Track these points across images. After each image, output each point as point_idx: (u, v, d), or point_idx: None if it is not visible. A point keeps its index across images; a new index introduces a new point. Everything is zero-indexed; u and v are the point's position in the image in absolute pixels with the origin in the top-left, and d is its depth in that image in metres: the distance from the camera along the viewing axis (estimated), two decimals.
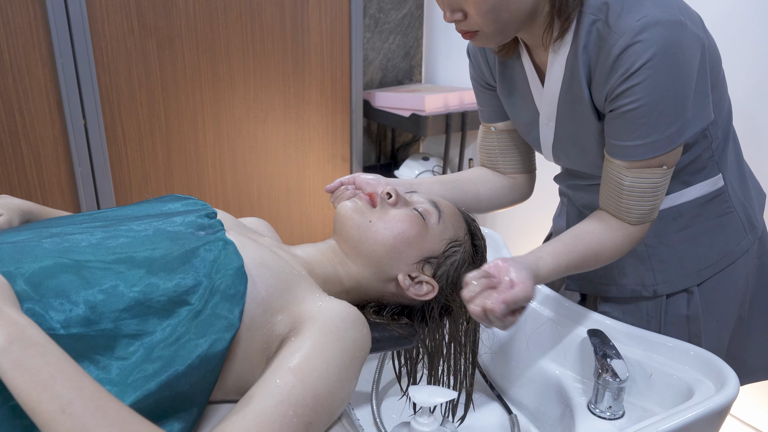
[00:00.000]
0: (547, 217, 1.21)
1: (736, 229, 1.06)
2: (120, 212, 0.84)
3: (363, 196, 0.91)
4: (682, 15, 0.83)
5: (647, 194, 0.92)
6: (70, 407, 0.53)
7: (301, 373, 0.66)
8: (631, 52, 0.83)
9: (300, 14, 1.97)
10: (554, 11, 0.88)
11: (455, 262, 0.92)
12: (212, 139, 1.95)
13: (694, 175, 1.02)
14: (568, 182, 1.16)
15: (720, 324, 1.09)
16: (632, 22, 0.82)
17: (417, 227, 0.89)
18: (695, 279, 1.06)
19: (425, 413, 0.83)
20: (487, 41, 0.90)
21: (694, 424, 0.82)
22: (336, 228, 0.91)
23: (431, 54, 2.56)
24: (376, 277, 0.90)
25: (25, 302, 0.61)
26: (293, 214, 2.20)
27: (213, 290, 0.68)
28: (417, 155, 2.42)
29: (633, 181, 0.91)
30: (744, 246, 1.07)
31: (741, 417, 1.69)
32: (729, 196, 1.05)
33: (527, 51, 1.00)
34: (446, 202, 0.97)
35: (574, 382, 1.06)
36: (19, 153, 1.68)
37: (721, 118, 0.99)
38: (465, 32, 0.89)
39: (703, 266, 1.06)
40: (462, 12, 0.86)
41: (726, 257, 1.06)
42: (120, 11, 1.70)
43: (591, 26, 0.87)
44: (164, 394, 0.62)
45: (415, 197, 0.95)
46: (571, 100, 0.96)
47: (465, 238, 0.95)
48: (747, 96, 1.47)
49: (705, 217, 1.05)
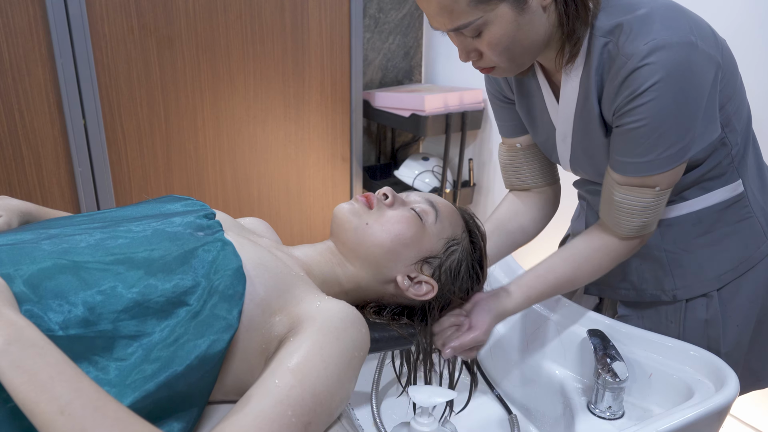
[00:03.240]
0: (557, 219, 1.21)
1: (755, 234, 1.05)
2: (119, 213, 0.84)
3: (360, 198, 0.90)
4: (693, 35, 0.84)
5: (636, 212, 0.93)
6: (69, 408, 0.53)
7: (299, 373, 0.66)
8: (638, 75, 0.84)
9: (300, 14, 1.97)
10: (564, 37, 0.89)
11: (454, 260, 0.92)
12: (212, 139, 1.95)
13: (713, 181, 1.01)
14: (586, 187, 1.16)
15: (739, 328, 1.08)
16: (640, 45, 0.83)
17: (414, 228, 0.89)
18: (715, 284, 1.06)
19: (425, 413, 0.83)
20: (504, 73, 0.93)
21: (694, 424, 0.82)
22: (333, 230, 0.91)
23: (431, 54, 2.56)
24: (374, 278, 0.89)
25: (23, 304, 0.61)
26: (293, 214, 2.20)
27: (211, 291, 0.68)
28: (417, 155, 2.42)
29: (623, 197, 0.93)
30: (764, 251, 1.06)
31: (741, 417, 1.69)
32: (749, 201, 1.04)
33: (542, 71, 1.01)
34: (443, 200, 0.97)
35: (574, 382, 1.06)
36: (18, 153, 1.68)
37: (741, 124, 0.99)
38: (482, 68, 0.92)
39: (723, 271, 1.05)
40: (477, 52, 0.89)
41: (746, 262, 1.05)
42: (120, 11, 1.70)
43: (603, 48, 0.88)
44: (163, 394, 0.62)
45: (413, 196, 0.95)
46: (585, 119, 0.97)
47: (463, 236, 0.95)
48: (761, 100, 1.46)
49: (724, 223, 1.04)
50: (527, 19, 0.84)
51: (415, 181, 2.32)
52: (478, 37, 0.85)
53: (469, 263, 0.95)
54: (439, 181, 2.33)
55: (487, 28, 0.83)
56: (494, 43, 0.85)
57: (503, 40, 0.85)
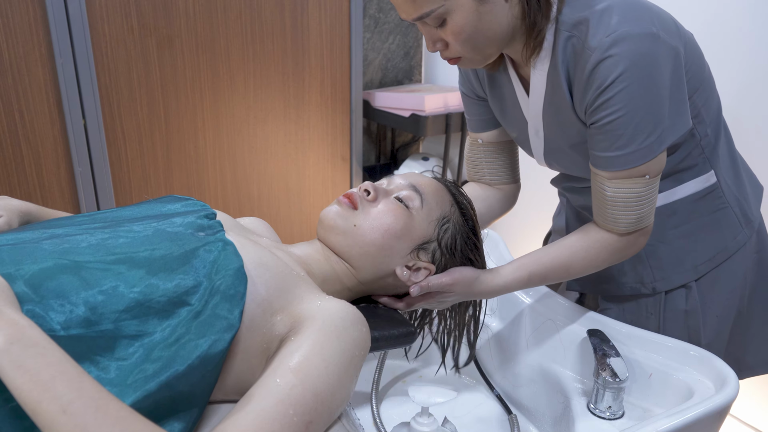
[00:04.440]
0: (547, 216, 1.22)
1: (731, 224, 1.07)
2: (119, 213, 0.84)
3: (342, 200, 0.90)
4: (654, 26, 0.85)
5: (630, 204, 0.93)
6: (71, 407, 0.53)
7: (301, 373, 0.66)
8: (603, 67, 0.85)
9: (300, 14, 1.97)
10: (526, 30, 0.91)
11: (449, 238, 0.93)
12: (212, 139, 1.95)
13: (685, 173, 1.03)
14: (564, 185, 1.17)
15: (719, 319, 1.10)
16: (602, 38, 0.84)
17: (403, 219, 0.89)
18: (693, 275, 1.07)
19: (425, 413, 0.83)
20: (471, 64, 0.95)
21: (694, 424, 0.82)
22: (321, 235, 0.91)
23: (431, 54, 2.56)
24: (373, 274, 0.90)
25: (25, 304, 0.61)
26: (293, 214, 2.20)
27: (213, 291, 0.68)
28: (417, 155, 2.42)
29: (615, 191, 0.93)
30: (740, 240, 1.08)
31: (741, 417, 1.69)
32: (723, 191, 1.06)
33: (512, 64, 1.02)
34: (427, 179, 0.97)
35: (574, 382, 1.06)
36: (18, 153, 1.68)
37: (710, 116, 1.01)
38: (449, 59, 0.94)
39: (700, 262, 1.07)
40: (442, 41, 0.91)
41: (722, 252, 1.07)
42: (120, 11, 1.70)
43: (566, 42, 0.90)
44: (164, 394, 0.62)
45: (395, 181, 0.95)
46: (555, 112, 0.98)
47: (452, 210, 0.95)
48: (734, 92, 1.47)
49: (699, 214, 1.06)
50: (488, 8, 0.85)
51: None
52: (443, 27, 0.88)
53: (464, 235, 0.95)
54: None
55: (450, 16, 0.86)
56: (457, 32, 0.87)
57: (465, 29, 0.86)
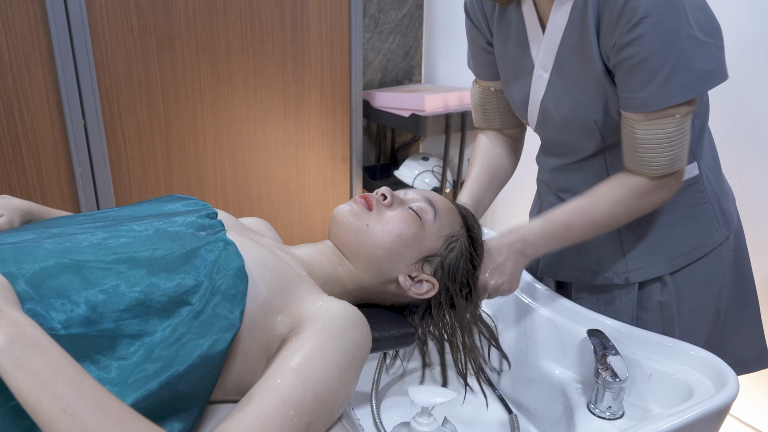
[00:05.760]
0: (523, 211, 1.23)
1: (709, 222, 1.07)
2: (121, 212, 0.84)
3: (359, 199, 0.91)
4: None
5: (663, 145, 0.92)
6: (72, 407, 0.53)
7: (301, 373, 0.66)
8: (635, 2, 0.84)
9: (300, 14, 1.97)
10: None
11: (454, 257, 0.93)
12: (212, 139, 1.95)
13: None
14: (548, 162, 1.17)
15: (693, 313, 1.10)
16: None
17: (414, 227, 0.89)
18: (667, 268, 1.08)
19: (425, 413, 0.83)
20: None
21: (694, 424, 0.82)
22: (333, 232, 0.91)
23: (431, 54, 2.56)
24: (376, 278, 0.90)
25: (26, 303, 0.61)
26: (293, 214, 2.20)
27: (214, 290, 0.68)
28: (417, 155, 2.43)
29: (645, 133, 0.92)
30: (717, 239, 1.08)
31: (741, 417, 1.69)
32: (704, 186, 1.06)
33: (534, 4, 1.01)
34: (441, 197, 0.97)
35: (574, 382, 1.06)
36: (18, 153, 1.68)
37: (701, 107, 1.01)
38: None
39: (675, 255, 1.07)
40: None
41: (699, 248, 1.08)
42: (120, 11, 1.70)
43: None
44: (165, 394, 0.62)
45: (410, 194, 0.95)
46: (573, 48, 0.96)
47: (461, 232, 0.96)
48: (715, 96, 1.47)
49: (680, 205, 1.06)
50: None
51: (415, 181, 2.32)
52: None
53: (467, 258, 0.95)
54: (439, 181, 2.33)
55: None
56: None
57: None
